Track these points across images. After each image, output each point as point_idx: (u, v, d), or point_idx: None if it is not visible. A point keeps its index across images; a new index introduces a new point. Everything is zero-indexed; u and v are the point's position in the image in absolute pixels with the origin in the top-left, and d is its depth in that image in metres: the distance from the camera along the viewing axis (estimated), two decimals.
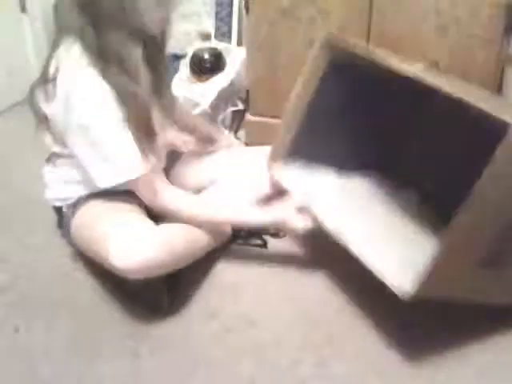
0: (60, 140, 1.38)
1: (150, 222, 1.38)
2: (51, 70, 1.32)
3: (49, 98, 1.33)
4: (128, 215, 1.38)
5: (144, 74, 1.35)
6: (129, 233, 1.30)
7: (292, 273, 1.50)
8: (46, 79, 1.33)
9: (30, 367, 1.24)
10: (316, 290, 1.45)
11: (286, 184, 1.52)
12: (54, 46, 1.35)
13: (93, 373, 1.23)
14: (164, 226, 1.38)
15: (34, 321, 1.35)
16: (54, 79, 1.31)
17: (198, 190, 1.56)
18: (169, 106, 1.51)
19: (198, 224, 1.39)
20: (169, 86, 1.57)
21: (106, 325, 1.34)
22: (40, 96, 1.36)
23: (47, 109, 1.35)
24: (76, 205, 1.44)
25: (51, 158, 1.48)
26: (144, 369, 1.23)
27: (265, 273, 1.50)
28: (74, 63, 1.30)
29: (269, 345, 1.28)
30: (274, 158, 1.56)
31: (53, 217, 1.53)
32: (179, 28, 2.32)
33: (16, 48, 2.46)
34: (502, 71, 1.81)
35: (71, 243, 1.50)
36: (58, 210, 1.50)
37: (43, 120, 1.38)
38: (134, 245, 1.27)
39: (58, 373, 1.23)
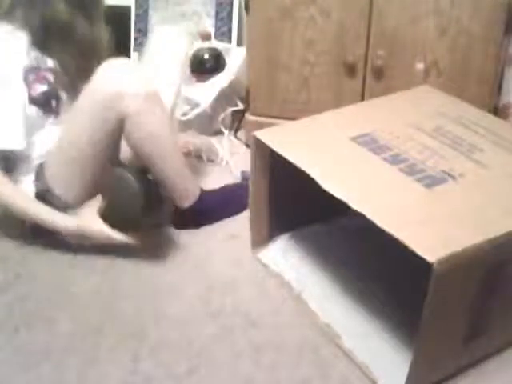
0: None
1: None
2: None
3: None
4: None
5: None
6: None
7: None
8: None
9: (30, 367, 1.24)
10: None
11: (276, 268, 1.49)
12: None
13: (93, 373, 1.23)
14: None
15: (34, 321, 1.35)
16: None
17: None
18: None
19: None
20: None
21: (106, 325, 1.34)
22: None
23: None
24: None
25: None
26: (144, 369, 1.23)
27: (264, 272, 1.50)
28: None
29: (269, 345, 1.29)
30: (256, 244, 1.55)
31: None
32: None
33: None
34: (502, 71, 1.81)
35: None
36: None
37: None
38: None
39: (58, 373, 1.23)
